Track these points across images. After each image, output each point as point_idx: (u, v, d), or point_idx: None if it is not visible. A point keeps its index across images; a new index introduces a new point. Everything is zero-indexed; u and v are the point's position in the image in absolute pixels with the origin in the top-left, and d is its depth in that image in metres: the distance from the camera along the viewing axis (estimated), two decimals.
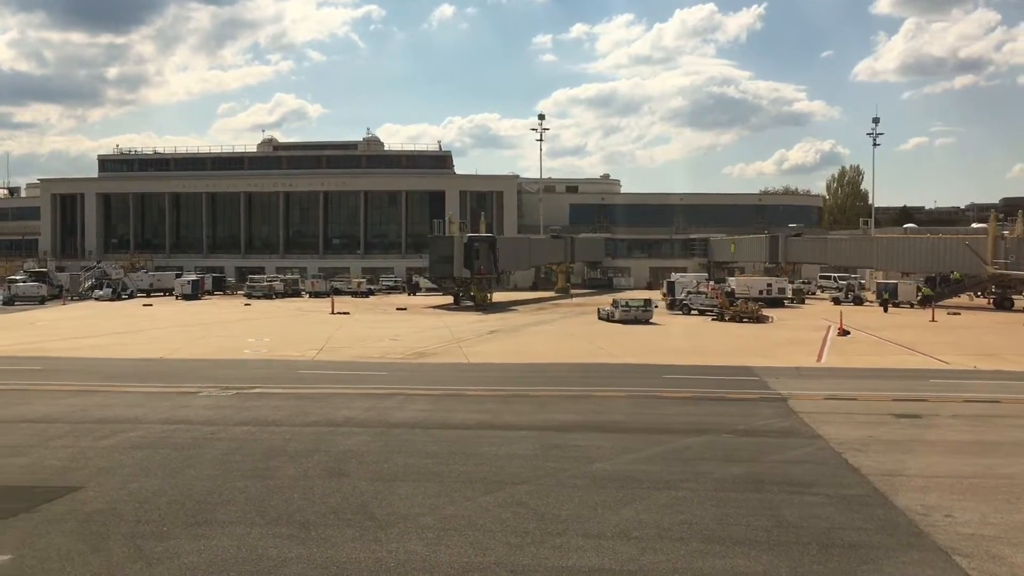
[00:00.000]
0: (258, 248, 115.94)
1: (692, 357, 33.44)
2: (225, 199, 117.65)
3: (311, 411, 21.06)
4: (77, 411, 21.01)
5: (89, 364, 31.00)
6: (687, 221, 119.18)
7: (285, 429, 18.69)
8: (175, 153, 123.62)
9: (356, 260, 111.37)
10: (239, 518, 12.10)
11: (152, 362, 31.90)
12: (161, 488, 13.66)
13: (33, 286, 73.75)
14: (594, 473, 14.88)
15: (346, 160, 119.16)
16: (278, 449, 16.65)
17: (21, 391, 24.31)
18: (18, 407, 21.52)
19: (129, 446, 16.91)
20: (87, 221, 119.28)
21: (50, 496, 13.14)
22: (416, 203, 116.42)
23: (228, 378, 26.82)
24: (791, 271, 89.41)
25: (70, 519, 11.98)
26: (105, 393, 23.96)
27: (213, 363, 31.45)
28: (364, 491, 13.53)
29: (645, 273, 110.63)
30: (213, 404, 22.19)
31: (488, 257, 69.83)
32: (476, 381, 26.70)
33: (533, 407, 21.85)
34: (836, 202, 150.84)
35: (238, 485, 13.87)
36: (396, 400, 22.92)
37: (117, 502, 12.86)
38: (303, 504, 12.79)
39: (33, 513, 12.24)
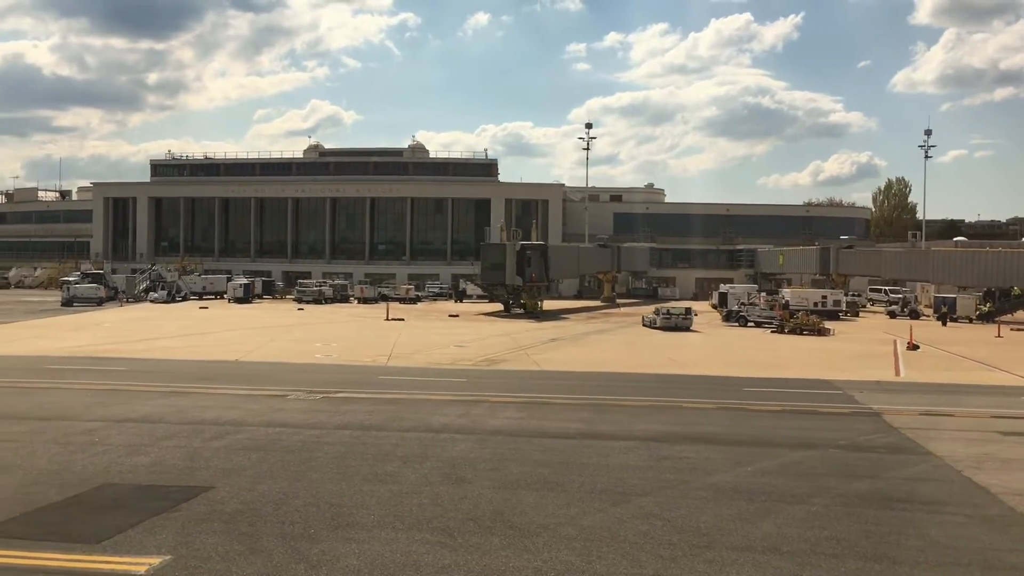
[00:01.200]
0: (304, 253, 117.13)
1: (765, 370, 33.11)
2: (273, 204, 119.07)
3: (405, 416, 21.10)
4: (176, 412, 21.25)
5: (170, 366, 31.42)
6: (734, 232, 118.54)
7: (388, 434, 18.73)
8: (225, 158, 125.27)
9: (402, 266, 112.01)
10: (379, 522, 12.10)
11: (229, 364, 32.25)
12: (291, 490, 13.72)
13: (91, 288, 75.07)
14: (717, 485, 14.71)
15: (393, 167, 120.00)
16: (388, 454, 16.67)
17: (115, 391, 24.66)
18: (118, 407, 21.82)
19: (241, 447, 17.05)
20: (138, 224, 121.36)
21: (185, 496, 13.26)
22: (461, 210, 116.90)
23: (310, 382, 27.03)
24: (842, 283, 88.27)
25: (214, 519, 12.07)
26: (197, 394, 24.23)
27: (289, 367, 31.72)
28: (491, 499, 13.49)
29: (690, 283, 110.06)
30: (306, 408, 22.35)
31: (540, 265, 69.91)
32: (557, 389, 26.63)
33: (627, 417, 21.70)
34: (882, 214, 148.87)
35: (364, 489, 13.90)
36: (484, 407, 22.90)
37: (253, 503, 12.94)
38: (437, 510, 12.77)
39: (175, 513, 12.35)
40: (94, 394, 24.09)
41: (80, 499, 13.06)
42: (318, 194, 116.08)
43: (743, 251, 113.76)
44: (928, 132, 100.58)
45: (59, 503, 12.79)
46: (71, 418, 20.03)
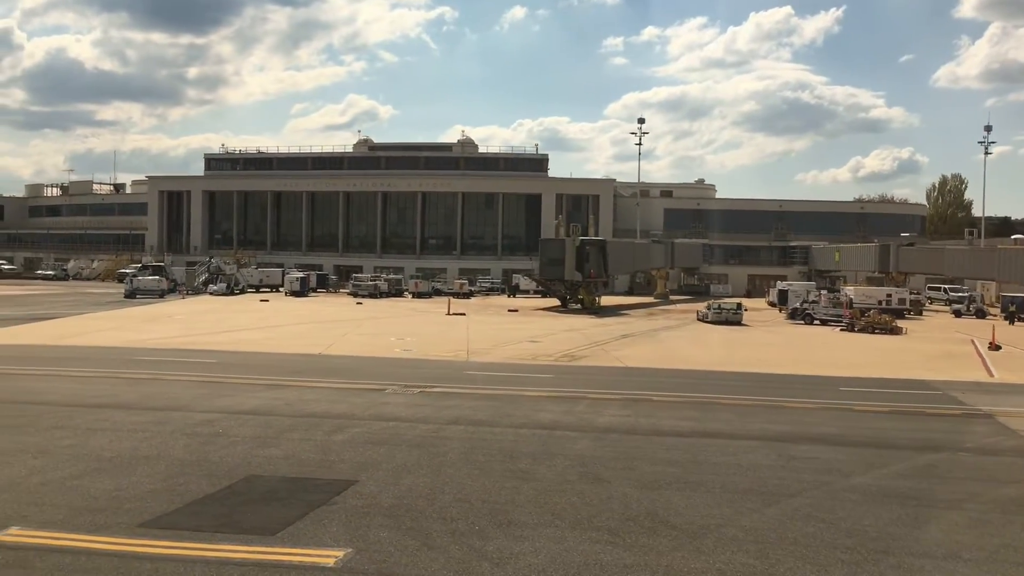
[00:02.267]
0: (355, 247, 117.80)
1: (853, 369, 32.58)
2: (324, 198, 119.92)
3: (510, 412, 21.02)
4: (284, 404, 21.38)
5: (257, 358, 31.70)
6: (786, 228, 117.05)
7: (502, 431, 18.65)
8: (278, 152, 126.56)
9: (453, 261, 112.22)
10: (538, 520, 11.99)
11: (314, 358, 32.47)
12: (435, 485, 13.68)
13: (153, 280, 76.23)
14: (860, 487, 14.41)
15: (444, 162, 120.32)
16: (513, 451, 16.57)
17: (216, 383, 24.91)
18: (225, 399, 22.04)
19: (364, 442, 17.06)
20: (192, 217, 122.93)
21: (334, 489, 13.27)
22: (512, 205, 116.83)
23: (400, 376, 27.08)
24: (902, 281, 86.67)
25: (374, 513, 12.05)
26: (297, 387, 24.37)
27: (374, 361, 31.86)
28: (639, 498, 13.31)
29: (743, 280, 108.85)
30: (409, 402, 22.36)
31: (599, 261, 69.56)
32: (651, 387, 26.36)
33: (735, 416, 21.42)
34: (936, 211, 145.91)
35: (507, 486, 13.81)
36: (585, 404, 22.76)
37: (404, 497, 12.91)
38: (590, 509, 12.62)
39: (332, 506, 12.36)
40: (198, 385, 24.36)
41: (233, 491, 13.14)
42: (369, 188, 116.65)
43: (796, 248, 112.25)
44: (988, 128, 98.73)
45: (215, 495, 12.87)
46: (185, 409, 20.25)
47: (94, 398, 21.58)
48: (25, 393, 22.09)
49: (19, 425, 17.74)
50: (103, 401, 21.15)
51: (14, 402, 20.65)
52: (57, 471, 14.00)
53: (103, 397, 21.83)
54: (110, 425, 18.07)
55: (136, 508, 12.02)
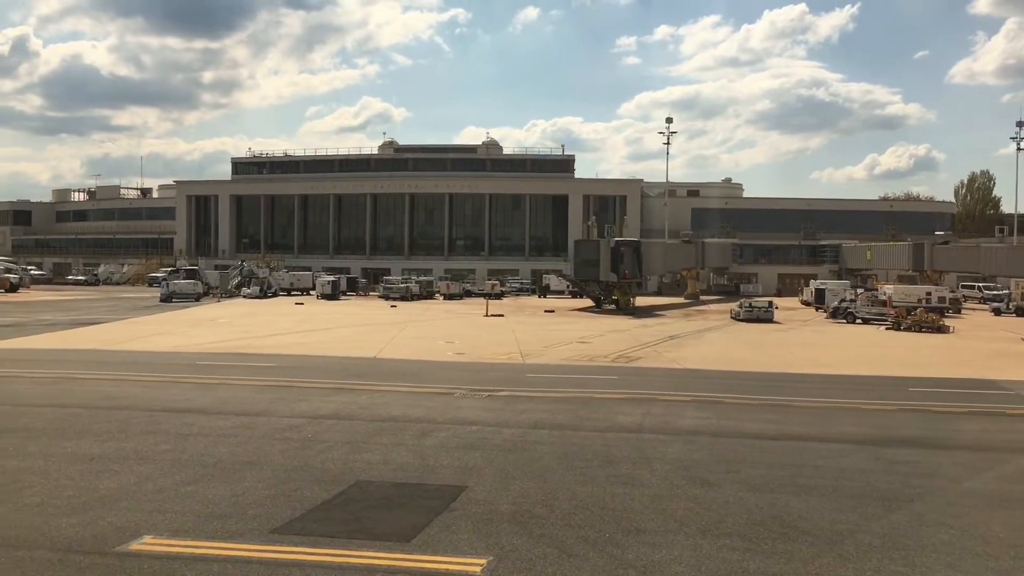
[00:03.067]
0: (383, 249, 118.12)
1: (913, 368, 32.25)
2: (351, 200, 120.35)
3: (588, 416, 20.85)
4: (359, 409, 21.31)
5: (316, 362, 31.73)
6: (814, 227, 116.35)
7: (588, 434, 18.47)
8: (304, 155, 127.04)
9: (481, 262, 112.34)
10: (664, 527, 11.80)
11: (371, 361, 32.44)
12: (546, 491, 13.52)
13: (189, 284, 76.66)
14: (977, 492, 14.14)
15: (471, 163, 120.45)
16: (608, 455, 16.38)
17: (285, 387, 24.89)
18: (300, 403, 21.98)
19: (456, 446, 16.94)
20: (220, 221, 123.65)
21: (447, 495, 13.14)
22: (539, 206, 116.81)
23: (463, 380, 27.00)
24: (937, 280, 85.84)
25: (499, 519, 11.90)
26: (366, 391, 24.29)
27: (431, 364, 31.76)
28: (757, 503, 13.07)
29: (772, 279, 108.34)
30: (483, 406, 22.24)
31: (633, 261, 69.40)
32: (718, 388, 26.10)
33: (814, 419, 21.15)
34: (964, 209, 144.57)
35: (618, 491, 13.62)
36: (661, 406, 22.55)
37: (521, 503, 12.74)
38: (714, 515, 12.37)
39: (453, 512, 12.23)
40: (268, 389, 24.34)
41: (349, 496, 13.04)
42: (397, 190, 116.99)
43: (826, 246, 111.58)
44: (1021, 124, 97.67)
45: (332, 501, 12.77)
46: (266, 414, 20.22)
47: (172, 403, 21.60)
48: (103, 398, 22.13)
49: (111, 431, 17.75)
50: (181, 406, 21.16)
51: (96, 407, 20.69)
52: (167, 477, 13.96)
53: (180, 402, 21.85)
54: (199, 430, 18.07)
55: (261, 514, 11.95)
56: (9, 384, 24.53)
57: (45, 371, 27.56)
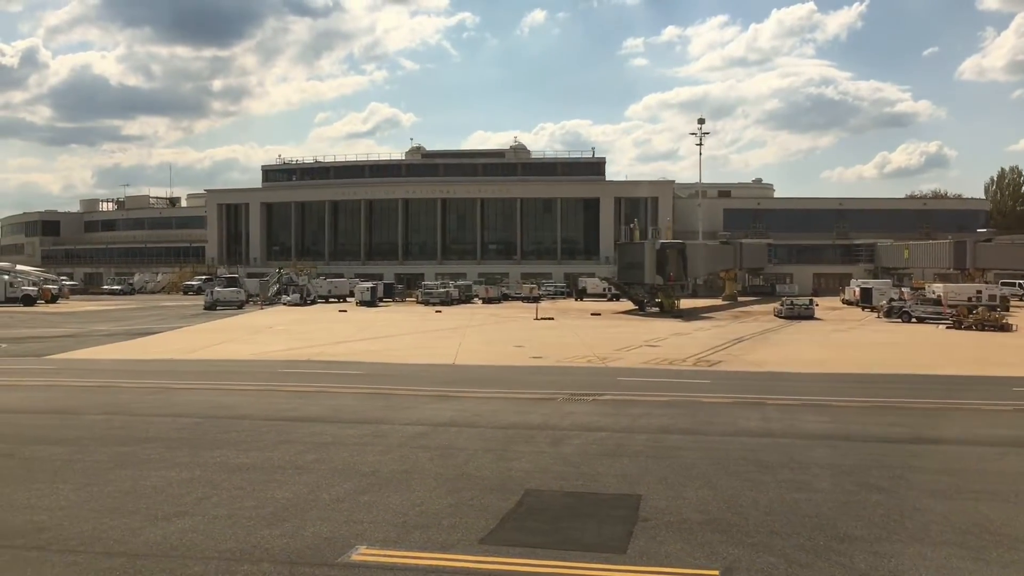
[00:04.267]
0: (415, 254, 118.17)
1: (1003, 368, 31.84)
2: (382, 206, 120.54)
3: (709, 420, 20.53)
4: (472, 416, 21.08)
5: (397, 369, 31.58)
6: (847, 226, 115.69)
7: (723, 439, 18.15)
8: (335, 162, 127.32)
9: (513, 266, 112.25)
10: (873, 534, 11.39)
11: (451, 368, 32.29)
12: (726, 498, 13.18)
13: (233, 292, 76.91)
14: None
15: (501, 168, 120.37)
16: (759, 460, 15.99)
17: (383, 395, 24.71)
18: (411, 411, 21.78)
19: (596, 453, 16.63)
20: (251, 229, 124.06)
21: (626, 504, 12.85)
22: (570, 209, 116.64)
23: (556, 384, 26.77)
24: (979, 278, 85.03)
25: (697, 529, 11.58)
26: (469, 399, 24.07)
27: (514, 369, 31.58)
28: (949, 510, 12.62)
29: (807, 279, 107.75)
30: (594, 411, 21.96)
31: (678, 264, 69.05)
32: (816, 391, 25.70)
33: (939, 420, 20.77)
34: (996, 206, 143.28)
35: (797, 497, 13.29)
36: (775, 410, 22.13)
37: (708, 512, 12.41)
38: (913, 522, 11.94)
39: (647, 522, 11.91)
40: (369, 398, 24.19)
41: (530, 506, 12.79)
42: (428, 195, 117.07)
43: (861, 246, 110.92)
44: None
45: (517, 510, 12.51)
46: (385, 422, 20.02)
47: (284, 412, 21.47)
48: (214, 408, 22.04)
49: (244, 440, 17.62)
50: (295, 414, 21.03)
51: (213, 416, 20.58)
52: (335, 487, 13.78)
53: (291, 410, 21.72)
54: (331, 439, 17.89)
55: (458, 524, 11.74)
56: (113, 395, 24.49)
57: (137, 382, 27.53)
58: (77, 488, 13.61)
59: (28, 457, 15.96)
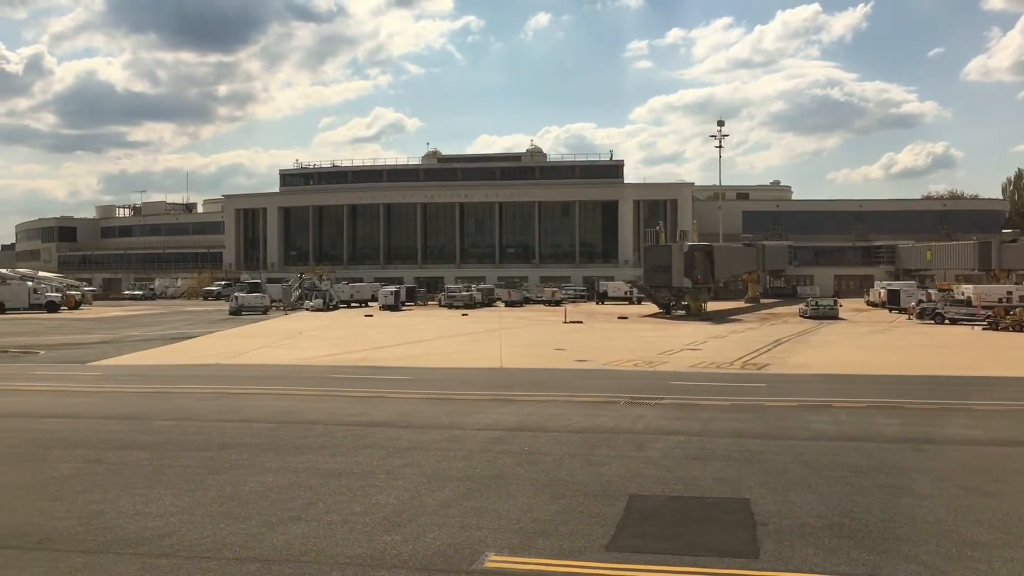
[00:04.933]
0: (434, 258, 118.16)
1: None
2: (399, 210, 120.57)
3: (781, 424, 20.27)
4: (541, 420, 20.89)
5: (445, 374, 31.50)
6: (866, 228, 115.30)
7: (804, 443, 17.89)
8: (352, 166, 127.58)
9: (532, 269, 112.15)
10: (1000, 539, 11.21)
11: (501, 371, 32.19)
12: (834, 503, 12.94)
13: (257, 297, 77.03)
14: None
15: (519, 171, 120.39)
16: (846, 464, 15.76)
17: (442, 400, 24.55)
18: (475, 416, 21.60)
19: (685, 456, 16.46)
20: (268, 234, 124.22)
21: (736, 508, 12.71)
22: (588, 212, 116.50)
23: (611, 388, 26.65)
24: (1004, 278, 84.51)
25: (819, 534, 11.37)
26: (531, 402, 23.92)
27: (565, 372, 31.47)
28: None
29: (828, 281, 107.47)
30: (663, 415, 21.70)
31: (705, 266, 68.84)
32: (877, 393, 25.52)
33: (1006, 423, 20.67)
34: (1013, 206, 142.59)
35: (906, 503, 13.12)
36: (842, 413, 21.94)
37: (822, 516, 12.19)
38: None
39: (767, 527, 11.73)
40: (428, 403, 24.01)
41: (641, 511, 12.63)
42: (447, 200, 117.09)
43: (881, 247, 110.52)
44: None
45: (630, 516, 12.35)
46: (456, 427, 19.84)
47: (351, 416, 21.36)
48: (282, 412, 21.95)
49: (325, 445, 17.49)
50: (365, 420, 20.91)
51: (286, 422, 20.49)
52: (434, 492, 13.66)
53: (357, 415, 21.60)
54: (409, 443, 17.79)
55: (576, 531, 11.58)
56: (174, 400, 24.43)
57: (192, 387, 27.48)
58: (178, 494, 13.53)
59: (117, 463, 15.91)
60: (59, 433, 18.93)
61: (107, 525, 11.78)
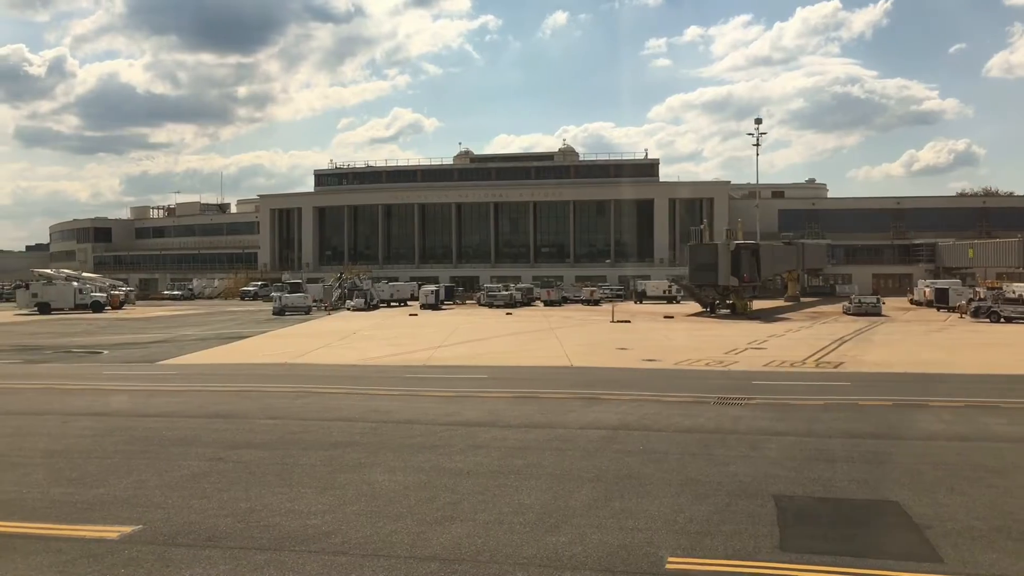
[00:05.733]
0: (469, 257, 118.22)
1: None
2: (434, 210, 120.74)
3: (884, 423, 20.04)
4: (639, 418, 20.69)
5: (518, 372, 31.40)
6: (904, 226, 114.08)
7: (924, 443, 17.56)
8: (386, 166, 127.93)
9: (566, 269, 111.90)
10: None
11: (571, 370, 32.09)
12: (987, 504, 12.72)
13: (300, 297, 77.33)
14: None
15: (554, 171, 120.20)
16: (976, 463, 15.61)
17: (531, 398, 24.46)
18: (570, 415, 21.49)
19: (807, 457, 16.18)
20: (303, 234, 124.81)
21: (890, 510, 12.52)
22: (623, 211, 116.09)
23: (694, 388, 26.39)
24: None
25: (995, 537, 11.17)
26: (622, 401, 23.70)
27: (639, 372, 31.26)
28: None
29: (867, 279, 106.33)
30: (759, 415, 21.38)
31: (752, 265, 68.33)
32: (965, 393, 25.09)
33: None
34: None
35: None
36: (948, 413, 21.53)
37: (988, 520, 11.96)
38: None
39: (932, 530, 11.48)
40: (517, 401, 23.84)
41: (790, 510, 12.44)
42: (481, 199, 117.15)
43: (921, 245, 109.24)
44: None
45: (786, 516, 12.14)
46: (556, 425, 19.70)
47: (446, 416, 21.23)
48: (374, 411, 21.88)
49: (434, 445, 17.39)
50: (457, 419, 20.73)
51: (385, 421, 20.43)
52: (574, 494, 13.44)
53: (451, 415, 21.46)
54: (517, 443, 17.59)
55: (740, 531, 11.38)
56: (263, 400, 24.41)
57: (274, 386, 27.47)
58: (318, 492, 13.50)
59: (240, 461, 15.89)
60: (168, 432, 18.99)
61: (266, 523, 11.75)
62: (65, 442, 17.89)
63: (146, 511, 12.40)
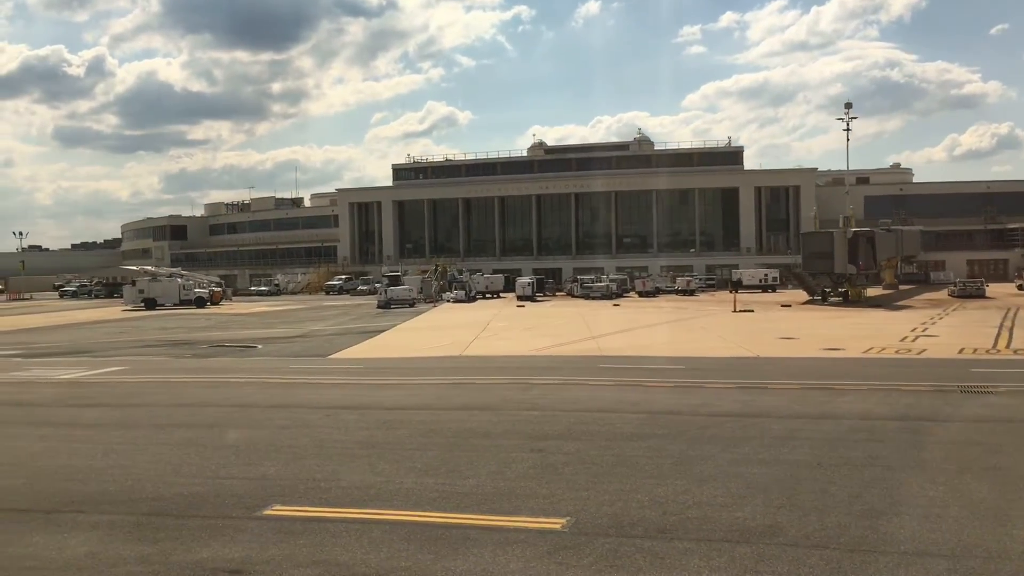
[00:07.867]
0: (550, 249, 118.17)
1: None
2: (513, 202, 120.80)
3: None
4: (923, 408, 20.28)
5: (715, 363, 30.75)
6: (996, 210, 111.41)
7: None
8: (465, 159, 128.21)
9: (650, 259, 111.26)
10: None
11: (756, 361, 31.74)
12: None
13: (405, 290, 77.88)
14: None
15: (632, 160, 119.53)
16: None
17: (756, 388, 24.15)
18: (828, 405, 21.17)
19: None
20: (384, 227, 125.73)
21: None
22: (707, 199, 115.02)
23: (906, 376, 25.83)
24: None
25: None
26: (865, 391, 23.34)
27: (833, 361, 30.83)
28: None
29: (960, 266, 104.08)
30: (1000, 402, 21.05)
31: (868, 252, 67.27)
32: None
33: None
34: None
35: None
36: None
37: None
38: None
39: None
40: (757, 392, 23.46)
41: None
42: (561, 191, 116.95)
43: (1016, 230, 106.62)
44: None
45: None
46: (823, 416, 19.45)
47: (699, 406, 20.76)
48: (630, 404, 21.67)
49: (735, 437, 17.08)
50: (714, 409, 20.30)
51: (649, 412, 20.20)
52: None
53: (701, 405, 20.98)
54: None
55: None
56: (485, 392, 24.11)
57: (474, 378, 27.03)
58: (694, 483, 13.39)
59: (558, 452, 15.72)
60: (454, 424, 18.94)
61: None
62: (366, 433, 17.94)
63: (557, 503, 12.35)
